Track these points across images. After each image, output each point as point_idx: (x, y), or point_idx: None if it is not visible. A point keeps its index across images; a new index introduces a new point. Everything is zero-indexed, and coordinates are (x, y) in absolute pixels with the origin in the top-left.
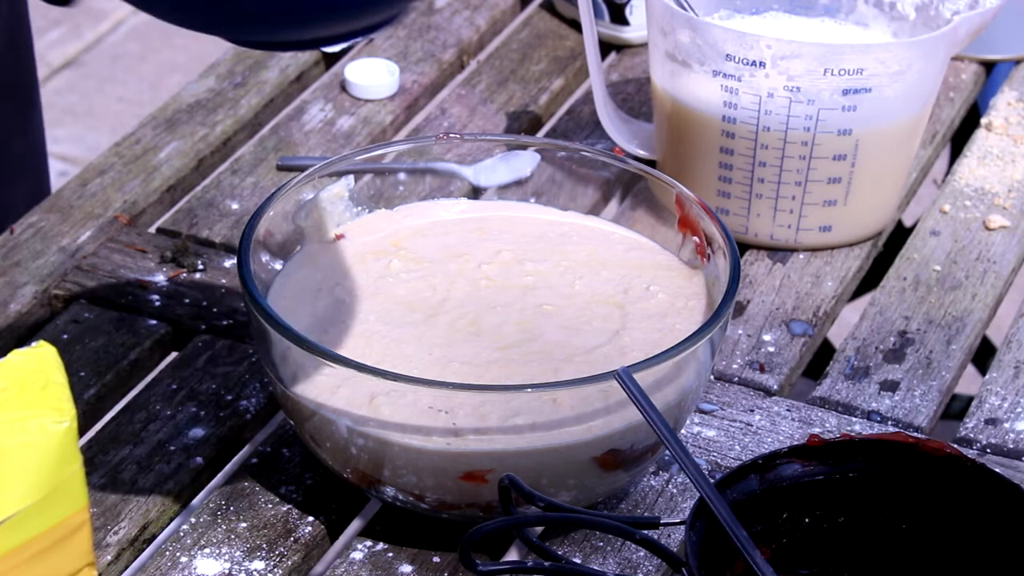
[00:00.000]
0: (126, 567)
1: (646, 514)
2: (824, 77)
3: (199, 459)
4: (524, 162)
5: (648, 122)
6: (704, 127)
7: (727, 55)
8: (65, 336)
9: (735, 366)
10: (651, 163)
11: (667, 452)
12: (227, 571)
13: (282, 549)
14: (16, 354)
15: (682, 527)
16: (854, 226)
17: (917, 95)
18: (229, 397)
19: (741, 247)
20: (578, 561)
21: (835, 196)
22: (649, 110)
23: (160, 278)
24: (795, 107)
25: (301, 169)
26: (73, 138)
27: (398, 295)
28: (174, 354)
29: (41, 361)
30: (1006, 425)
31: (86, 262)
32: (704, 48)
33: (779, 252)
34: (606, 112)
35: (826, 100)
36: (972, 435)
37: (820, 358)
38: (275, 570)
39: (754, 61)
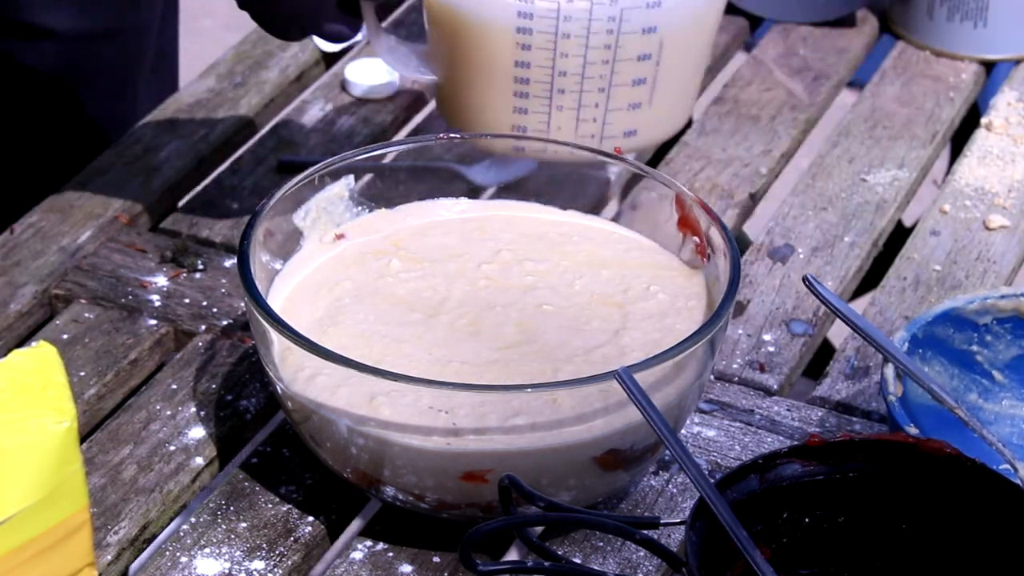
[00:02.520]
0: (126, 567)
1: (646, 514)
2: None
3: (199, 459)
4: (524, 162)
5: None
6: (496, 42)
7: None
8: (65, 336)
9: (735, 366)
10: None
11: (667, 452)
12: (227, 571)
13: (282, 549)
14: (16, 354)
15: (682, 527)
16: (656, 129)
17: None
18: (229, 397)
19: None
20: (578, 561)
21: (640, 99)
22: None
23: (160, 278)
24: (597, 9)
25: (301, 169)
26: None
27: (398, 295)
28: (174, 354)
29: (41, 361)
30: None
31: (86, 262)
32: None
33: (780, 251)
34: (379, 39)
35: None
36: None
37: (820, 358)
38: (275, 570)
39: None
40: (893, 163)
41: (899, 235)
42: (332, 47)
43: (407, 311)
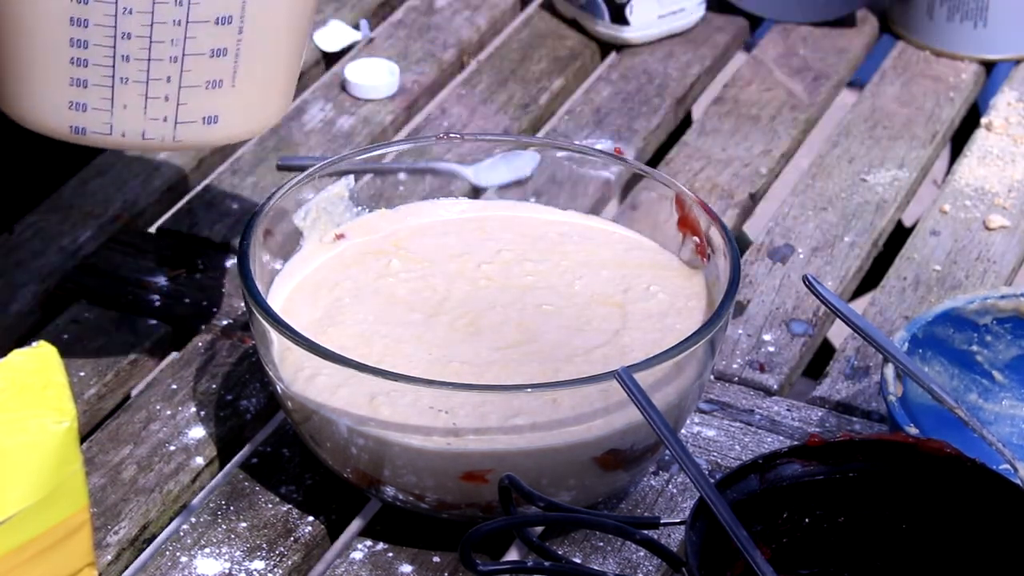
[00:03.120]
0: (126, 567)
1: (646, 514)
2: None
3: (199, 459)
4: (524, 162)
5: None
6: None
7: None
8: (65, 336)
9: (735, 366)
10: None
11: (667, 452)
12: (227, 571)
13: (282, 549)
14: (16, 354)
15: (682, 527)
16: (243, 117)
17: None
18: (229, 397)
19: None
20: (578, 561)
21: (221, 75)
22: (650, 110)
23: (160, 278)
24: None
25: (301, 169)
26: None
27: (398, 295)
28: (174, 354)
29: (41, 361)
30: None
31: (86, 262)
32: None
33: (780, 251)
34: None
35: None
36: None
37: (820, 358)
38: (275, 570)
39: None
40: (893, 163)
41: (899, 235)
42: (332, 47)
43: (407, 311)
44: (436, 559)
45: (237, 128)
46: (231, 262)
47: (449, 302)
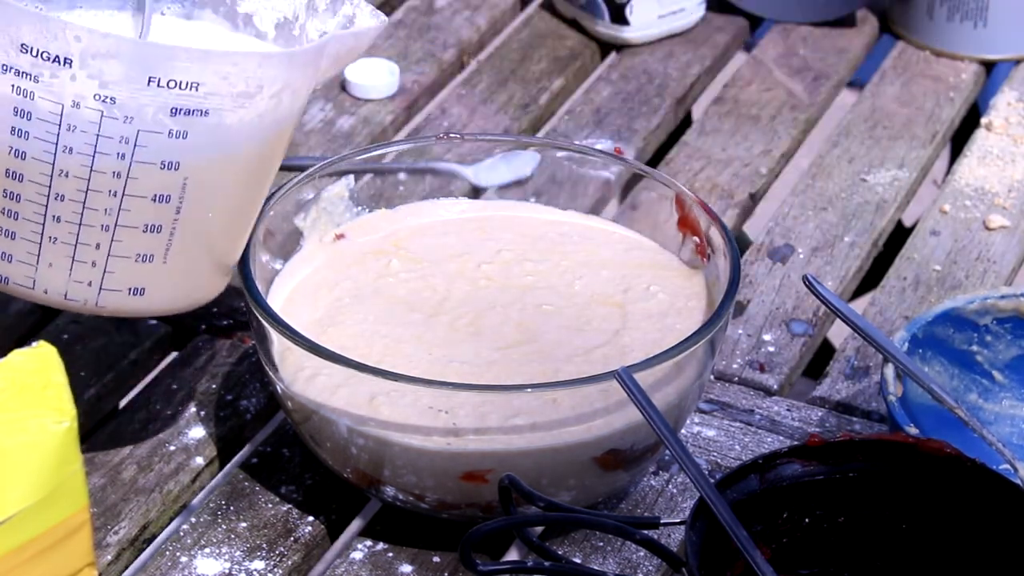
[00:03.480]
0: (126, 567)
1: (646, 514)
2: (148, 88)
3: (199, 459)
4: (524, 162)
5: None
6: None
7: (23, 45)
8: (65, 336)
9: (735, 366)
10: None
11: (667, 452)
12: (227, 571)
13: (282, 549)
14: (16, 354)
15: (682, 527)
16: (175, 292)
17: (268, 126)
18: (229, 397)
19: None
20: (578, 561)
21: (153, 250)
22: (650, 110)
23: None
24: (108, 124)
25: (301, 169)
26: None
27: (398, 295)
28: (174, 354)
29: (41, 361)
30: None
31: None
32: None
33: (780, 251)
34: None
35: (149, 119)
36: None
37: (820, 358)
38: (275, 570)
39: (58, 57)
40: (893, 163)
41: (899, 235)
42: None
43: (407, 311)
44: (436, 559)
45: (162, 303)
46: None
47: (449, 302)
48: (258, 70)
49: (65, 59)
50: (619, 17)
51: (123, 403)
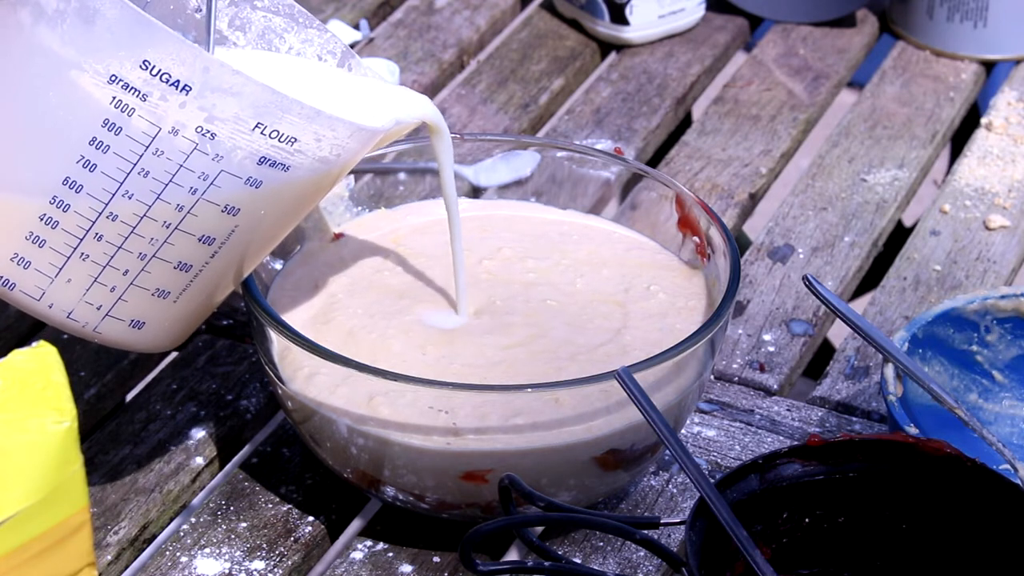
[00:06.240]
0: (126, 567)
1: (646, 514)
2: (252, 133)
3: (199, 459)
4: (524, 162)
5: None
6: (56, 141)
7: (145, 61)
8: (65, 336)
9: (735, 366)
10: None
11: (667, 452)
12: (227, 571)
13: (282, 549)
14: (16, 354)
15: (682, 527)
16: (170, 332)
17: (318, 192)
18: (229, 397)
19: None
20: (578, 561)
21: (172, 287)
22: (650, 109)
23: None
24: (196, 158)
25: None
26: None
27: (396, 291)
28: (174, 354)
29: (41, 361)
30: None
31: None
32: (113, 37)
33: (780, 251)
34: None
35: (236, 163)
36: None
37: (820, 358)
38: (275, 570)
39: (178, 81)
40: (893, 163)
41: (899, 235)
42: None
43: (406, 308)
44: (436, 559)
45: (154, 341)
46: None
47: (449, 299)
48: (347, 140)
49: (184, 86)
50: (619, 17)
51: (123, 403)
